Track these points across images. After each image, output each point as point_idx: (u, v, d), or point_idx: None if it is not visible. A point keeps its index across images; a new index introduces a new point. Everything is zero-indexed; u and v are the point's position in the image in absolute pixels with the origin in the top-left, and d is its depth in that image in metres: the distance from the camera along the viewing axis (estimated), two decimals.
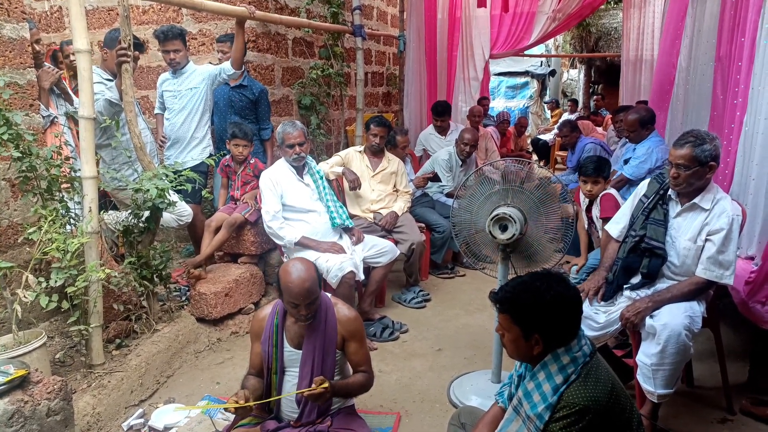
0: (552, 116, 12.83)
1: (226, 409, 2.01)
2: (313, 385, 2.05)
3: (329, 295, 2.35)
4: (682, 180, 2.44)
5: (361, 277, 3.53)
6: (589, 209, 3.61)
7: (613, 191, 3.53)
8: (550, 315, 1.60)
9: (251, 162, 4.01)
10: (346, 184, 4.17)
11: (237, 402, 1.99)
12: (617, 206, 3.18)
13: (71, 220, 2.85)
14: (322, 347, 2.18)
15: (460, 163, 5.01)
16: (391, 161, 4.38)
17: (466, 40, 7.34)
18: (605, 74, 11.81)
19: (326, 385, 2.03)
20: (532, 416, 1.61)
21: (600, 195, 3.48)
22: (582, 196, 3.73)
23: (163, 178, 3.04)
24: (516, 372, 1.83)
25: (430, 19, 6.76)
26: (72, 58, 3.71)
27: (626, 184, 4.11)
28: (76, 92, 3.07)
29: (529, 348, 1.64)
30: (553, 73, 14.62)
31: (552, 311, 1.60)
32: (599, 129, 8.54)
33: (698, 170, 2.41)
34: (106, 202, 3.75)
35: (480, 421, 1.90)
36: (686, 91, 4.19)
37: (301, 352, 2.20)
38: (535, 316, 1.61)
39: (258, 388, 2.21)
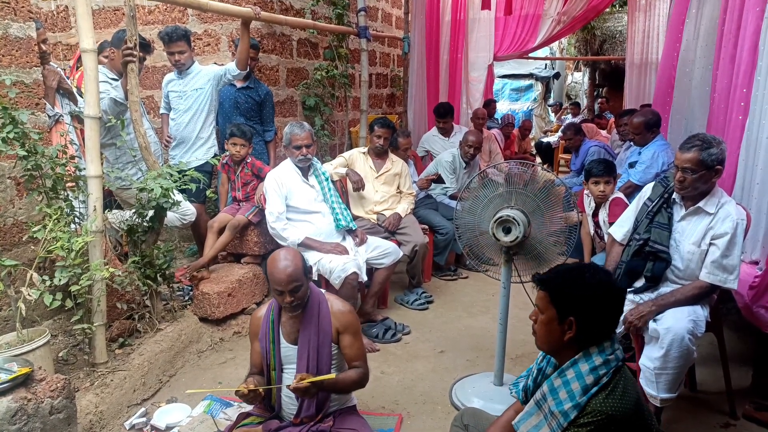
0: (556, 118, 12.81)
1: (236, 392, 2.09)
2: (294, 379, 2.09)
3: (323, 290, 2.36)
4: (688, 184, 2.44)
5: (364, 278, 3.53)
6: (595, 214, 3.60)
7: (621, 195, 3.52)
8: (590, 299, 1.56)
9: (248, 161, 4.01)
10: (349, 185, 4.18)
11: (247, 386, 2.08)
12: None
13: (76, 218, 2.86)
14: (317, 341, 2.21)
15: (464, 165, 5.02)
16: (394, 163, 4.39)
17: (471, 43, 7.35)
18: (609, 77, 11.77)
19: (309, 380, 2.06)
20: (556, 413, 1.56)
21: (609, 199, 3.47)
22: (587, 201, 3.72)
23: (168, 178, 3.05)
24: (536, 365, 1.79)
25: (434, 21, 6.77)
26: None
27: (636, 190, 4.10)
28: None
29: (561, 333, 1.59)
30: (557, 75, 14.61)
31: (592, 296, 1.56)
32: (603, 132, 8.52)
33: (705, 174, 2.40)
34: (110, 201, 3.76)
35: (493, 425, 1.88)
36: (685, 94, 4.18)
37: (296, 347, 2.22)
38: (575, 297, 1.57)
39: (262, 384, 2.23)
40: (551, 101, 14.19)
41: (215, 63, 4.55)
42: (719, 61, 3.40)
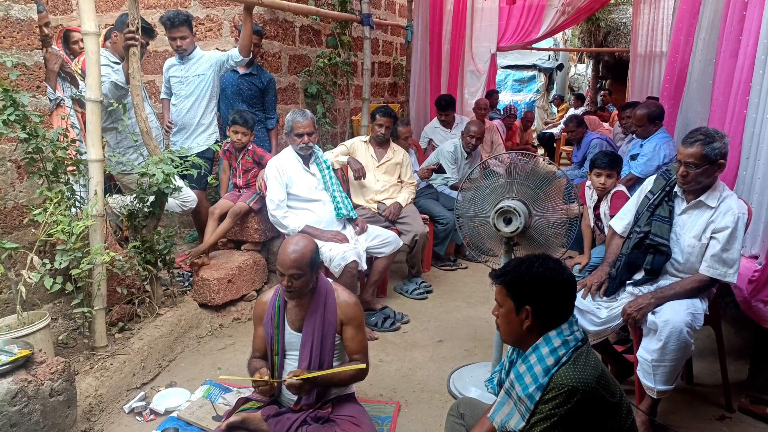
0: (558, 111, 12.77)
1: (254, 382, 2.16)
2: (287, 375, 2.12)
3: (331, 280, 2.37)
4: (691, 178, 2.43)
5: (364, 266, 3.54)
6: (596, 206, 3.59)
7: (623, 188, 3.51)
8: (541, 287, 1.66)
9: (249, 149, 4.00)
10: (350, 174, 4.17)
11: (261, 377, 2.13)
12: None
13: (76, 202, 2.86)
14: (321, 330, 2.22)
15: (466, 155, 5.00)
16: (396, 152, 4.37)
17: (474, 32, 7.30)
18: (613, 69, 11.71)
19: (302, 376, 2.10)
20: (523, 397, 1.64)
21: (611, 192, 3.46)
22: (588, 193, 3.71)
23: (169, 163, 3.04)
24: (507, 358, 1.86)
25: (437, 10, 6.71)
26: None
27: (637, 183, 4.08)
28: None
29: (520, 323, 1.68)
30: (560, 67, 14.52)
31: (543, 284, 1.66)
32: (605, 124, 8.49)
33: (708, 168, 2.40)
34: (111, 185, 3.75)
35: (483, 416, 1.90)
36: (694, 88, 4.15)
37: (301, 334, 2.23)
38: (526, 286, 1.67)
39: (268, 372, 2.25)
40: (553, 94, 14.12)
41: (217, 48, 4.52)
42: (720, 54, 3.38)
